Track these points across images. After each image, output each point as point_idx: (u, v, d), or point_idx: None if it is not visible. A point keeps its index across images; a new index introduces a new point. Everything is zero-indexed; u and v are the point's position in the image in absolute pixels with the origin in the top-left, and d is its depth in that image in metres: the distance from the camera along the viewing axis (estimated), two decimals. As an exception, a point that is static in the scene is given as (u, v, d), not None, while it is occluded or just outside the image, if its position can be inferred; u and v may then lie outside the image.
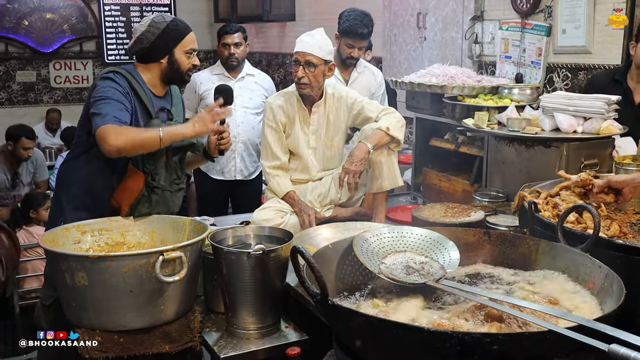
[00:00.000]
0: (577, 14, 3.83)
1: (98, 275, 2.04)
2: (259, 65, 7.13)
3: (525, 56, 4.23)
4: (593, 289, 1.67)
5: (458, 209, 2.88)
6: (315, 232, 2.68)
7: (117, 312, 2.09)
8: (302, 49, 3.11)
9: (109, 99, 2.57)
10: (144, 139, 2.55)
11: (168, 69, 2.77)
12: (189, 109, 4.24)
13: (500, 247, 1.98)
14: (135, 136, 2.52)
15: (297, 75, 3.11)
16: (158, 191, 2.70)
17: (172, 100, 2.90)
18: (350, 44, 3.85)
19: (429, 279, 1.77)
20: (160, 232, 2.54)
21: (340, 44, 3.90)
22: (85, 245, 2.42)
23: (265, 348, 2.17)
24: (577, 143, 2.92)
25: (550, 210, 2.15)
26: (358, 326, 1.46)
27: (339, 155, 3.35)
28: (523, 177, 2.94)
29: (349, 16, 3.82)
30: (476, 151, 3.56)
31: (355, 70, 4.01)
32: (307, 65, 3.09)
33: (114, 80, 2.64)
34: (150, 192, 2.67)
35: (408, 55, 5.41)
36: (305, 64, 3.09)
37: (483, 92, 3.57)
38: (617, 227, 2.03)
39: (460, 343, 1.32)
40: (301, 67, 3.10)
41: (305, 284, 1.56)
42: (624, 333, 1.29)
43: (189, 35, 2.80)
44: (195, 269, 2.24)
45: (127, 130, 2.51)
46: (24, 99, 9.11)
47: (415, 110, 4.01)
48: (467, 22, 4.69)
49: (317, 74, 3.11)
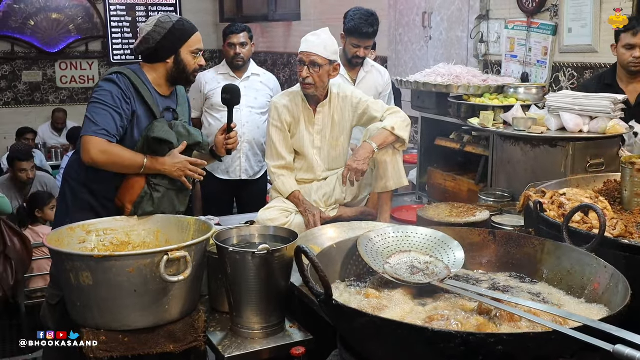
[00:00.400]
0: (583, 13, 3.81)
1: (103, 275, 2.04)
2: (264, 65, 7.13)
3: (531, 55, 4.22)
4: (598, 289, 1.66)
5: (463, 209, 2.88)
6: (320, 231, 2.67)
7: (122, 311, 2.09)
8: (307, 49, 3.11)
9: (104, 105, 2.61)
10: (125, 161, 2.63)
11: (174, 69, 2.77)
12: (194, 108, 4.24)
13: (506, 247, 1.97)
14: (117, 159, 2.61)
15: (302, 75, 3.11)
16: (161, 189, 2.70)
17: (177, 100, 2.90)
18: (355, 43, 3.84)
19: (433, 279, 1.76)
20: (165, 231, 2.54)
21: (346, 44, 3.89)
22: (91, 245, 2.42)
23: (270, 348, 2.17)
24: (583, 142, 2.90)
25: (555, 210, 2.14)
26: (362, 326, 1.46)
27: (344, 155, 3.35)
28: (529, 177, 2.93)
29: (354, 16, 3.82)
30: (482, 151, 3.56)
31: (362, 69, 4.00)
32: (312, 65, 3.08)
33: (115, 82, 2.66)
34: (152, 190, 2.68)
35: (413, 55, 5.40)
36: (310, 64, 3.09)
37: (488, 92, 3.56)
38: (623, 227, 2.02)
39: (465, 343, 1.32)
40: (306, 67, 3.10)
41: (310, 283, 1.56)
42: (629, 334, 1.28)
43: (195, 35, 2.81)
44: (199, 268, 2.24)
45: (113, 149, 2.60)
46: (30, 99, 9.14)
47: (420, 109, 4.00)
48: (472, 21, 4.68)
49: (321, 74, 3.11)
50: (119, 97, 2.63)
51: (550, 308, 1.56)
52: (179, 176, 2.73)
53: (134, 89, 2.68)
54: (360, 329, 1.48)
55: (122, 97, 2.63)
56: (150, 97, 2.72)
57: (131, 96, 2.66)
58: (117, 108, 2.62)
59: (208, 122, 4.55)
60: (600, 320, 1.37)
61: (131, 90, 2.67)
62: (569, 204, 2.14)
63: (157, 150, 2.68)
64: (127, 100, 2.64)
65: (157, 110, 2.73)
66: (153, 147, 2.67)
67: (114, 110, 2.61)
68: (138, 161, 2.64)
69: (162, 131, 2.66)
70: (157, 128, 2.66)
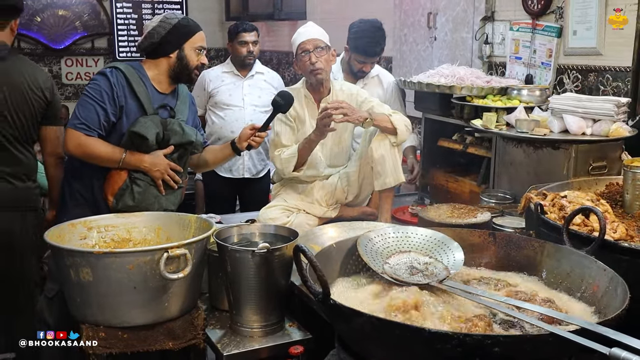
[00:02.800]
0: (588, 15, 3.80)
1: (103, 271, 2.04)
2: (269, 64, 7.12)
3: (536, 57, 4.20)
4: (597, 292, 1.66)
5: (464, 210, 2.87)
6: (320, 231, 2.68)
7: (122, 308, 2.09)
8: (308, 36, 3.16)
9: (90, 98, 2.69)
10: (102, 155, 2.70)
11: (176, 65, 2.81)
12: (198, 106, 4.23)
13: (506, 248, 1.97)
14: (92, 152, 2.68)
15: (311, 61, 3.12)
16: (141, 184, 2.75)
17: (178, 98, 2.91)
18: (362, 60, 3.83)
19: (432, 280, 1.76)
20: (166, 229, 2.54)
21: (351, 58, 3.87)
22: (92, 241, 2.42)
23: (269, 346, 2.18)
24: (586, 145, 2.90)
25: (556, 212, 2.14)
26: (359, 326, 1.46)
27: (346, 151, 3.35)
28: (531, 179, 2.93)
29: (358, 32, 3.78)
30: (484, 152, 3.55)
31: (361, 81, 3.98)
32: (317, 49, 3.12)
33: (107, 76, 2.72)
34: (132, 184, 2.73)
35: (418, 55, 5.40)
36: (315, 49, 3.12)
37: (492, 93, 3.55)
38: (623, 230, 2.01)
39: (462, 344, 1.32)
40: (311, 53, 3.11)
41: (308, 282, 1.56)
42: (626, 337, 1.28)
43: (199, 33, 2.85)
44: (200, 266, 2.24)
45: (89, 142, 2.67)
46: (35, 95, 9.15)
47: (423, 110, 4.00)
48: (477, 22, 4.67)
49: (327, 58, 3.16)
50: (108, 91, 2.69)
51: (548, 310, 1.56)
52: (156, 177, 2.78)
53: (127, 84, 2.71)
54: (357, 329, 1.48)
55: (110, 92, 2.69)
56: (144, 93, 2.74)
57: (122, 91, 2.70)
58: (103, 103, 2.68)
59: (212, 119, 4.57)
60: (597, 323, 1.37)
61: (123, 85, 2.72)
62: (570, 207, 2.13)
63: (139, 146, 2.72)
64: (115, 95, 2.69)
65: (150, 106, 2.75)
66: (134, 142, 2.72)
67: (98, 105, 2.68)
68: (116, 155, 2.70)
69: (141, 126, 2.70)
70: (139, 123, 2.71)
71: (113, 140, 2.73)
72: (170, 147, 2.79)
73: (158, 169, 2.76)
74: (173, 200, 2.86)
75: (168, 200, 2.83)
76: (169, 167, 2.79)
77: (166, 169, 2.78)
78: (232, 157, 3.09)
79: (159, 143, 2.77)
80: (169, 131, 2.78)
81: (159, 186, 2.78)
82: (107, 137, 2.73)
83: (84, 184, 2.79)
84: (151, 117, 2.74)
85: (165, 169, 2.77)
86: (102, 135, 2.71)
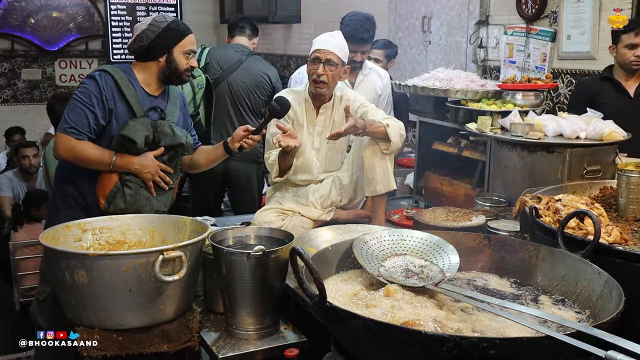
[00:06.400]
0: (582, 20, 3.82)
1: (97, 273, 2.03)
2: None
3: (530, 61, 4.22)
4: (592, 296, 1.66)
5: (459, 213, 2.88)
6: (315, 233, 2.67)
7: (116, 310, 2.08)
8: (324, 47, 3.09)
9: (80, 102, 2.70)
10: (92, 159, 2.70)
11: (166, 68, 2.80)
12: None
13: (500, 252, 1.97)
14: (83, 156, 2.69)
15: (317, 73, 3.08)
16: (132, 186, 2.75)
17: (168, 100, 2.91)
18: (352, 48, 3.83)
19: (428, 283, 1.76)
20: (161, 231, 2.53)
21: None
22: (86, 243, 2.41)
23: (264, 349, 2.17)
24: (580, 149, 2.91)
25: (551, 216, 2.14)
26: (355, 328, 1.46)
27: (341, 157, 3.35)
28: (525, 182, 2.94)
29: (349, 21, 3.82)
30: (479, 155, 3.56)
31: (360, 73, 4.01)
32: (328, 63, 3.07)
33: (96, 80, 2.72)
34: (123, 186, 2.73)
35: (413, 59, 5.42)
36: (326, 61, 3.07)
37: (486, 97, 3.56)
38: (618, 233, 2.02)
39: (458, 347, 1.32)
40: (321, 64, 3.08)
41: (304, 285, 1.56)
42: (621, 340, 1.28)
43: (189, 36, 2.84)
44: (195, 268, 2.24)
45: (79, 146, 2.68)
46: (29, 97, 9.12)
47: (418, 113, 4.01)
48: (472, 26, 4.69)
49: (335, 73, 3.10)
50: (97, 95, 2.70)
51: (543, 313, 1.56)
52: (146, 179, 2.78)
53: (116, 87, 2.71)
54: (353, 331, 1.48)
55: (99, 96, 2.70)
56: (133, 96, 2.74)
57: (111, 94, 2.71)
58: (92, 106, 2.69)
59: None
60: (593, 326, 1.37)
61: (112, 88, 2.72)
62: (564, 210, 2.14)
63: (129, 149, 2.73)
64: (104, 99, 2.70)
65: (140, 109, 2.75)
66: (124, 145, 2.72)
67: (88, 109, 2.69)
68: (106, 159, 2.71)
69: (130, 130, 2.71)
70: (128, 127, 2.72)
71: (104, 143, 2.73)
72: (160, 148, 2.79)
73: (148, 170, 2.76)
74: (164, 202, 2.86)
75: (159, 201, 2.83)
76: (160, 168, 2.79)
77: (156, 170, 2.78)
78: (224, 157, 3.08)
79: (149, 145, 2.77)
80: (159, 133, 2.78)
81: (150, 188, 2.78)
82: (97, 140, 2.73)
83: (76, 187, 2.79)
84: (141, 120, 2.74)
85: (155, 170, 2.78)
86: (93, 139, 2.71)
